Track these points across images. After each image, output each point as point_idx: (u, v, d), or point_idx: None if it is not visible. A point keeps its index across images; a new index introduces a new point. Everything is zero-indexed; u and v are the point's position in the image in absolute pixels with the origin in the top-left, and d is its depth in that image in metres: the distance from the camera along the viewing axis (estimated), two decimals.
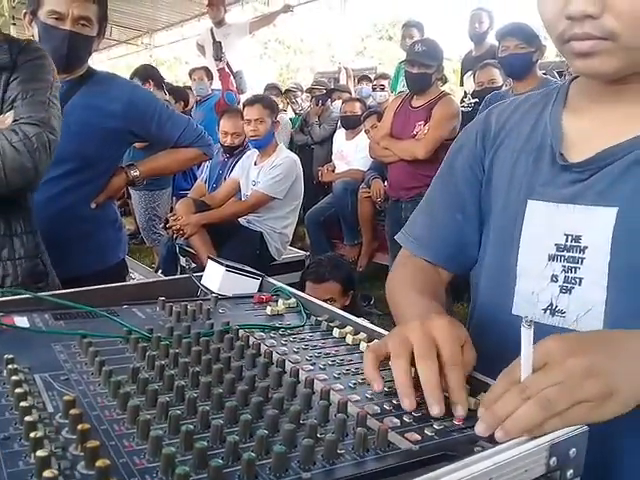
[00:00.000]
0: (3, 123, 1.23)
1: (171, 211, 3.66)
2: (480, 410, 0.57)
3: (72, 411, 0.49)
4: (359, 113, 4.53)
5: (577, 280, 0.74)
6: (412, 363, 0.61)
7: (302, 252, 4.01)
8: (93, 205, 1.87)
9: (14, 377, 0.55)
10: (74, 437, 0.47)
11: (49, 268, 1.41)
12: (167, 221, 3.51)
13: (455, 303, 3.39)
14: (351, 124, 4.62)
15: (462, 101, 4.12)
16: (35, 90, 1.27)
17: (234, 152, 3.82)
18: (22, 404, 0.50)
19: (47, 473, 0.39)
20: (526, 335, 0.55)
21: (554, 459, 0.51)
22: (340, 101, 5.23)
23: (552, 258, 0.76)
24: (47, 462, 0.41)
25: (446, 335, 0.62)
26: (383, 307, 3.46)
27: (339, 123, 5.01)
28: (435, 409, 0.57)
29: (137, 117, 1.88)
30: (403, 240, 0.98)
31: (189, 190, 4.34)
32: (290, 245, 3.79)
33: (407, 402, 0.58)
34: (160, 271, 3.75)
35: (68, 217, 1.78)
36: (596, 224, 0.72)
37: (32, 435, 0.45)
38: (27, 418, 0.47)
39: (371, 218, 4.29)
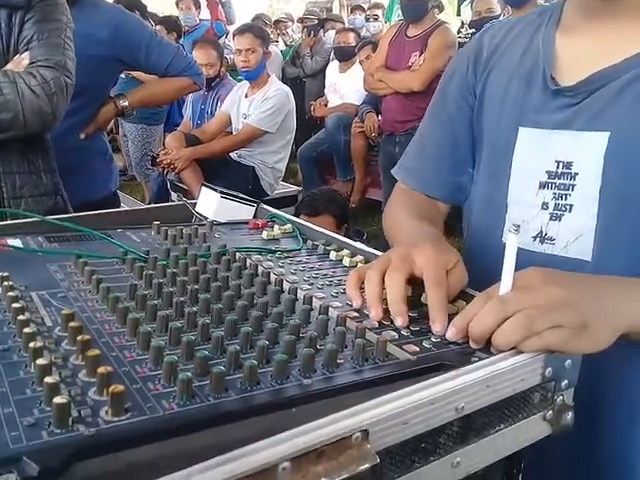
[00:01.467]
0: (20, 64, 1.22)
1: (163, 146, 3.59)
2: (455, 318, 0.57)
3: (72, 324, 0.49)
4: (353, 44, 4.39)
5: (567, 207, 0.73)
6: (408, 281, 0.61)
7: (295, 187, 3.98)
8: (82, 135, 1.83)
9: (10, 293, 0.55)
10: (74, 348, 0.47)
11: (68, 205, 1.42)
12: (154, 158, 3.46)
13: (447, 238, 3.41)
14: (345, 56, 4.49)
15: (459, 32, 4.01)
16: (50, 31, 1.26)
17: (211, 84, 3.71)
18: (20, 317, 0.49)
19: (48, 379, 0.39)
20: (512, 241, 0.55)
21: (549, 369, 0.52)
22: (333, 32, 5.06)
23: (543, 186, 0.75)
24: (47, 369, 0.41)
25: (429, 258, 0.61)
26: (376, 243, 3.48)
27: (332, 55, 4.87)
28: (398, 320, 0.58)
29: (124, 44, 1.82)
30: (398, 173, 0.97)
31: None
32: (282, 181, 3.76)
33: (373, 312, 0.59)
34: None
35: (57, 148, 1.74)
36: (587, 150, 0.71)
37: (31, 345, 0.44)
38: (26, 330, 0.47)
39: (364, 153, 4.24)
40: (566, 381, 0.54)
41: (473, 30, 3.73)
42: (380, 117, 3.76)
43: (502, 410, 0.50)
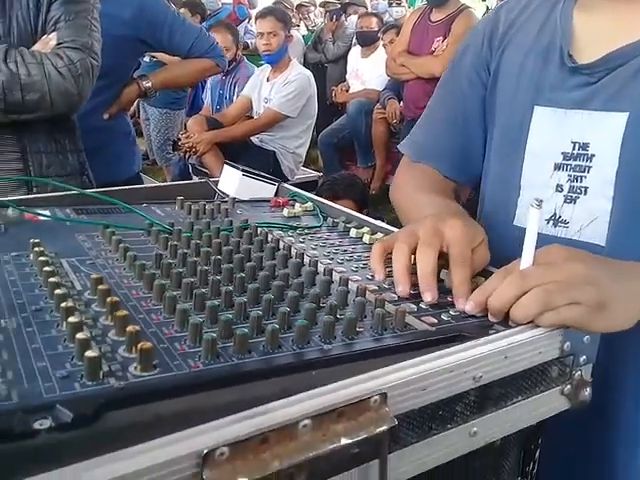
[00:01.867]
0: (47, 45, 1.24)
1: (185, 129, 3.62)
2: (474, 292, 0.57)
3: (101, 287, 0.50)
4: (376, 29, 4.36)
5: (582, 189, 0.72)
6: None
7: (315, 173, 3.98)
8: (105, 116, 1.86)
9: (41, 258, 0.57)
10: (103, 310, 0.49)
11: (94, 185, 1.45)
12: (175, 143, 3.48)
13: None
14: (367, 41, 4.45)
15: (483, 17, 3.94)
16: (77, 12, 1.28)
17: (228, 69, 3.72)
18: (51, 280, 0.51)
19: (80, 335, 0.41)
20: (534, 216, 0.54)
21: (568, 344, 0.53)
22: (356, 16, 5.02)
23: (558, 167, 0.74)
24: (79, 327, 0.43)
25: (457, 234, 0.60)
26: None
27: (354, 40, 4.83)
28: (427, 296, 0.57)
29: (148, 24, 1.83)
30: (404, 147, 0.95)
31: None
32: (303, 167, 3.76)
33: (400, 288, 0.59)
34: None
35: (81, 128, 1.77)
36: (605, 131, 0.69)
37: (63, 305, 0.46)
38: (57, 291, 0.49)
39: (385, 140, 4.22)
40: (584, 357, 0.55)
41: None
42: (402, 103, 3.74)
43: (520, 382, 0.51)
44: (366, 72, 4.50)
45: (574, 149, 0.73)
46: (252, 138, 3.39)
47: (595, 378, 0.56)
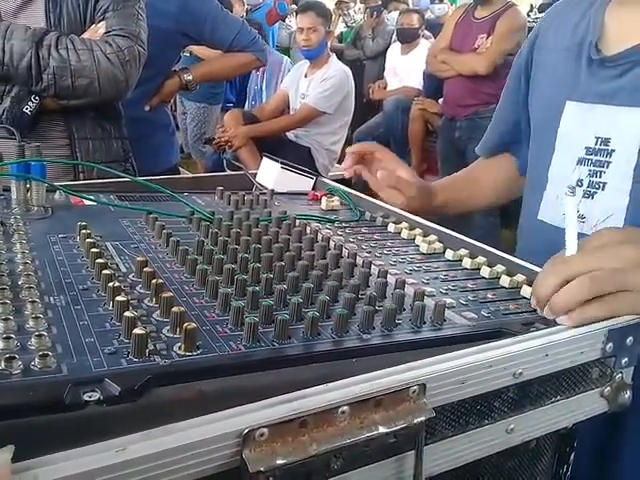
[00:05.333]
0: (96, 33, 1.29)
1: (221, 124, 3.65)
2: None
3: (145, 269, 0.52)
4: (417, 26, 4.32)
5: (600, 185, 0.72)
6: None
7: None
8: (147, 108, 1.89)
9: (88, 240, 0.58)
10: (148, 292, 0.50)
11: (136, 173, 1.49)
12: (207, 139, 3.51)
13: (504, 229, 3.33)
14: (408, 38, 4.41)
15: (528, 15, 3.87)
16: (125, 2, 1.31)
17: None
18: (98, 260, 0.53)
19: (127, 313, 0.42)
20: (570, 204, 0.52)
21: (610, 345, 0.52)
22: (396, 13, 4.98)
23: (580, 162, 0.74)
24: (126, 305, 0.44)
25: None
26: None
27: (394, 37, 4.80)
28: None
29: (191, 17, 1.86)
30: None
31: (234, 103, 4.31)
32: (337, 163, 3.76)
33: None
34: None
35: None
36: (626, 126, 0.69)
37: (110, 285, 0.47)
38: (104, 272, 0.50)
39: (422, 138, 4.18)
40: (626, 359, 0.53)
41: (543, 14, 3.60)
42: (441, 100, 3.70)
43: (559, 381, 0.50)
44: (405, 69, 4.47)
45: (596, 144, 0.73)
46: (288, 133, 3.40)
47: (635, 382, 0.55)
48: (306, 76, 3.41)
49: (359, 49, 5.20)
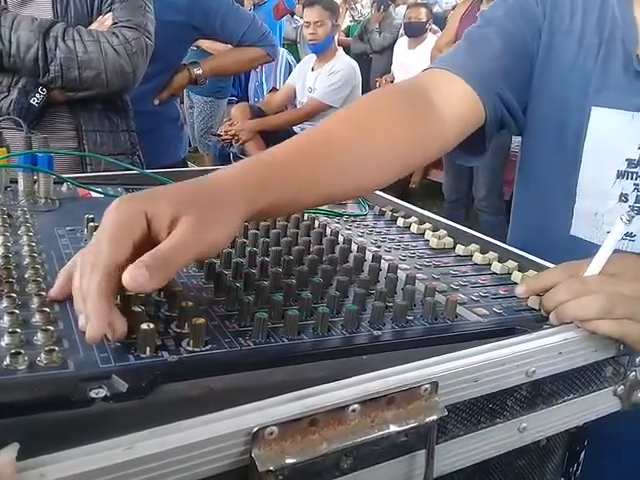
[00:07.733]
0: (103, 24, 1.28)
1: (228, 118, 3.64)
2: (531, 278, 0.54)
3: None
4: (424, 20, 4.29)
5: None
6: None
7: None
8: (156, 102, 1.88)
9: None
10: (164, 300, 0.48)
11: (144, 166, 1.48)
12: (218, 134, 3.50)
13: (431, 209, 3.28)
14: (415, 32, 4.39)
15: None
16: None
17: None
18: None
19: (135, 308, 0.41)
20: (618, 230, 0.51)
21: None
22: (404, 7, 4.96)
23: (621, 175, 0.69)
24: (134, 300, 0.43)
25: None
26: None
27: (402, 31, 4.77)
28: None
29: (202, 11, 1.84)
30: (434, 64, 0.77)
31: (237, 97, 4.30)
32: None
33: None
34: None
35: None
36: None
37: None
38: None
39: None
40: None
41: None
42: None
43: (573, 379, 0.50)
44: (412, 64, 4.44)
45: None
46: (295, 127, 3.39)
47: None
48: (313, 70, 3.40)
49: (366, 43, 5.17)
